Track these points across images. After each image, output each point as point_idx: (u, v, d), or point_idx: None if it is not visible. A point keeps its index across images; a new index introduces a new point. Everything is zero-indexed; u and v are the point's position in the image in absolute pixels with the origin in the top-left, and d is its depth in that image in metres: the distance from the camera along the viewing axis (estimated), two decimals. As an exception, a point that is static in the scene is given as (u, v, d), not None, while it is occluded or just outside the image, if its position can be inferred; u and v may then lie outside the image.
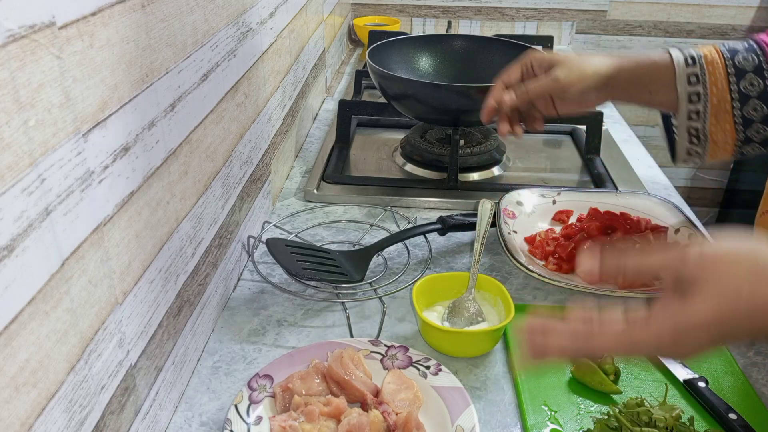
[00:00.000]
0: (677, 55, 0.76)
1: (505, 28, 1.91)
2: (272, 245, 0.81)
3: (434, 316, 0.76)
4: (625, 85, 0.78)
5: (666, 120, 0.82)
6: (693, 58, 0.75)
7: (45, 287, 0.41)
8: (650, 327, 0.44)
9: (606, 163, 1.14)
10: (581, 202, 0.97)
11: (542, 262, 0.86)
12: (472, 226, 0.89)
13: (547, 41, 1.64)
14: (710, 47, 0.76)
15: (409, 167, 1.13)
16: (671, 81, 0.75)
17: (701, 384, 0.66)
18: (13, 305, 0.38)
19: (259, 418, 0.61)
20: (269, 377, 0.65)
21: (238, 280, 0.85)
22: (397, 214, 0.99)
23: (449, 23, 1.89)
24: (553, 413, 0.64)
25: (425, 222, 0.93)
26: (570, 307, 0.48)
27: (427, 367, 0.67)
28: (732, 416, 0.62)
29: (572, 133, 1.27)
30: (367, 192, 1.04)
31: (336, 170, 1.10)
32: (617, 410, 0.60)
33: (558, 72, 0.77)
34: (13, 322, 0.38)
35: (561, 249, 0.86)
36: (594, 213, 0.93)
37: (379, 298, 0.79)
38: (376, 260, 0.87)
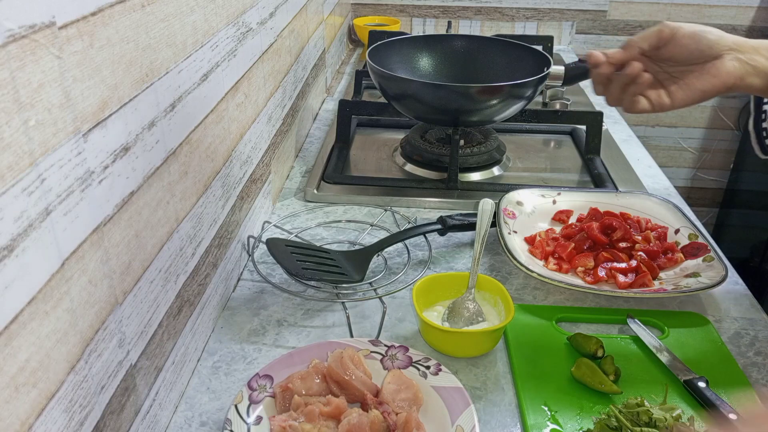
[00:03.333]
0: None
1: (505, 28, 1.91)
2: (272, 245, 0.81)
3: (434, 316, 0.76)
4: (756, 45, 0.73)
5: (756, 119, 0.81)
6: None
7: (45, 287, 0.41)
8: None
9: (606, 163, 1.14)
10: (581, 202, 0.97)
11: (542, 262, 0.86)
12: (472, 226, 0.90)
13: (547, 41, 1.64)
14: None
15: (409, 167, 1.13)
16: None
17: (701, 384, 0.66)
18: (13, 305, 0.38)
19: (259, 418, 0.61)
20: (269, 377, 0.65)
21: (238, 280, 0.85)
22: (397, 214, 0.99)
23: (449, 23, 1.89)
24: (553, 413, 0.64)
25: (425, 222, 0.93)
26: None
27: (427, 367, 0.67)
28: (732, 416, 0.62)
29: (572, 133, 1.27)
30: (367, 192, 1.04)
31: (336, 170, 1.10)
32: (617, 410, 0.60)
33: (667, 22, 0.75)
34: (13, 322, 0.38)
35: (561, 249, 0.86)
36: (594, 213, 0.93)
37: (379, 298, 0.79)
38: (376, 260, 0.87)
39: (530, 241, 0.90)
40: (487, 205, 0.88)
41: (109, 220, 0.48)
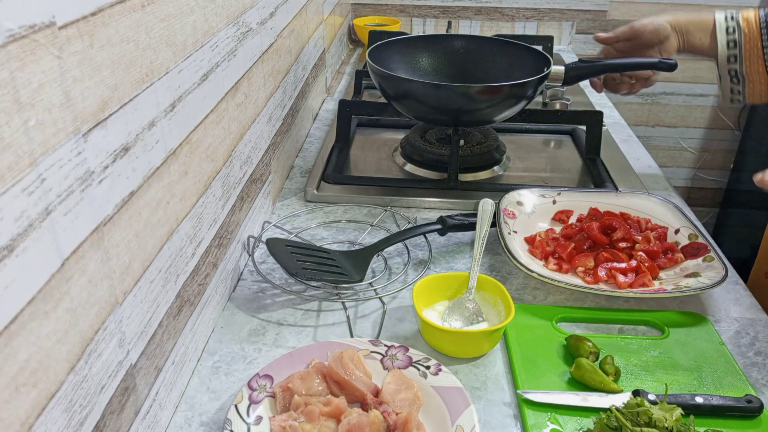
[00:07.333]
0: (718, 14, 1.02)
1: (505, 28, 1.91)
2: (272, 245, 0.81)
3: (434, 316, 0.76)
4: (684, 30, 1.06)
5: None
6: (732, 15, 1.02)
7: (45, 287, 0.41)
8: None
9: (606, 163, 1.14)
10: (581, 202, 0.97)
11: (542, 262, 0.86)
12: (472, 226, 0.89)
13: (547, 41, 1.64)
14: (751, 10, 1.01)
15: (409, 167, 1.13)
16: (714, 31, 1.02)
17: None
18: (13, 305, 0.38)
19: (259, 418, 0.62)
20: (269, 377, 0.65)
21: (238, 280, 0.85)
22: (397, 214, 0.99)
23: (449, 23, 1.89)
24: (553, 413, 0.64)
25: (425, 222, 0.93)
26: None
27: (427, 367, 0.67)
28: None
29: (572, 133, 1.27)
30: (367, 192, 1.04)
31: (336, 170, 1.10)
32: (617, 410, 0.60)
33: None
34: (13, 322, 0.38)
35: (561, 249, 0.86)
36: (594, 213, 0.93)
37: (379, 298, 0.79)
38: (376, 260, 0.87)
39: (530, 241, 0.90)
40: (487, 205, 0.88)
41: (109, 220, 0.48)
